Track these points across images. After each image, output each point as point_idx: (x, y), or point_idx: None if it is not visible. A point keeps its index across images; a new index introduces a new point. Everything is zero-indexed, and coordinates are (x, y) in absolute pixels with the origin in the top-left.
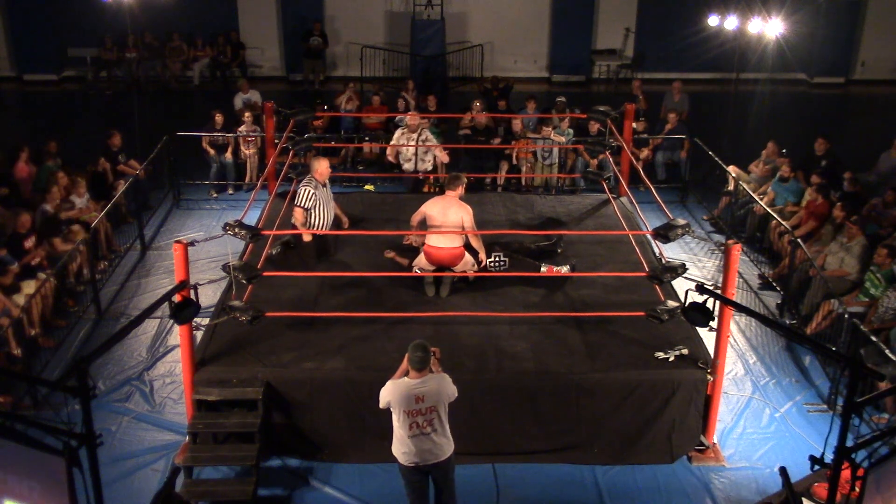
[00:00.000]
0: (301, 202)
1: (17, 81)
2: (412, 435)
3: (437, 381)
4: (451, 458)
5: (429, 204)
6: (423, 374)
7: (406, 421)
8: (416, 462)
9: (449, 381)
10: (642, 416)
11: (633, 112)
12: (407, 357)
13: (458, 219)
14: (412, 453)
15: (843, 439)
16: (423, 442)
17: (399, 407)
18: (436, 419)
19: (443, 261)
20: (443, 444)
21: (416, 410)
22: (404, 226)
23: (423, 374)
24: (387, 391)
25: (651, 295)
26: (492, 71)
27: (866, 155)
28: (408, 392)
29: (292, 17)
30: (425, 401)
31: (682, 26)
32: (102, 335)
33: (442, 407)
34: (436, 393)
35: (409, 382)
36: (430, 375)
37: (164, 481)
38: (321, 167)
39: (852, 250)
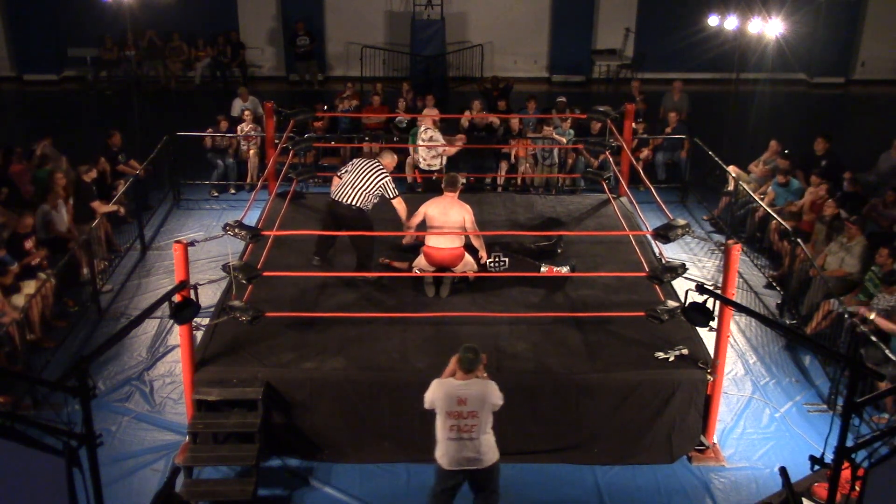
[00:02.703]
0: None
1: (17, 81)
2: (451, 437)
3: (482, 385)
4: (494, 468)
5: (428, 204)
6: (469, 376)
7: (447, 422)
8: (453, 467)
9: (495, 388)
10: (642, 417)
11: (633, 112)
12: (456, 358)
13: (459, 219)
14: (449, 457)
15: (843, 439)
16: (462, 446)
17: (442, 407)
18: (477, 425)
19: (443, 261)
20: (484, 451)
21: (457, 412)
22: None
23: (469, 377)
24: (431, 391)
25: (651, 295)
26: (492, 71)
27: (866, 155)
28: (452, 392)
29: (292, 17)
30: (468, 404)
31: (682, 26)
32: (102, 335)
33: (485, 413)
34: (480, 397)
35: (454, 383)
36: (477, 380)
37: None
38: (392, 160)
39: (852, 250)
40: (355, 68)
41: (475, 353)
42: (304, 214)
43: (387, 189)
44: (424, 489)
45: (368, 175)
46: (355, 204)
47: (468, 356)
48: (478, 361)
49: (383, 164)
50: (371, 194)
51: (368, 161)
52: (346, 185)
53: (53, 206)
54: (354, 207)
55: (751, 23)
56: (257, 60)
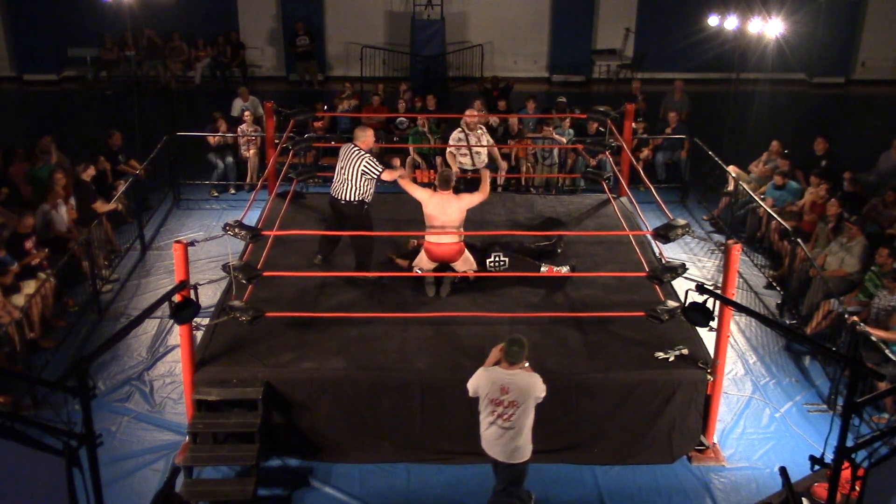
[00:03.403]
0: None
1: (17, 81)
2: (492, 423)
3: (526, 378)
4: (524, 466)
5: (426, 199)
6: (514, 367)
7: (488, 408)
8: (492, 455)
9: (539, 382)
10: (642, 416)
11: (633, 112)
12: (500, 348)
13: (457, 214)
14: (487, 442)
15: (843, 439)
16: (500, 435)
17: (485, 394)
18: (517, 416)
19: (444, 257)
20: (519, 446)
21: (499, 400)
22: (404, 226)
23: (514, 368)
24: (476, 377)
25: (651, 295)
26: (492, 71)
27: (866, 155)
28: (496, 379)
29: (292, 17)
30: (510, 393)
31: (682, 26)
32: (102, 335)
33: (526, 405)
34: (523, 388)
35: (499, 370)
36: (521, 371)
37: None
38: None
39: (853, 250)
40: (355, 68)
41: (521, 346)
42: (304, 214)
43: (369, 170)
44: (424, 489)
45: (351, 162)
46: (349, 198)
47: (514, 348)
48: (523, 353)
49: (359, 144)
50: (360, 182)
51: (349, 147)
52: (338, 178)
53: (53, 206)
54: (352, 202)
55: (751, 23)
56: (257, 60)
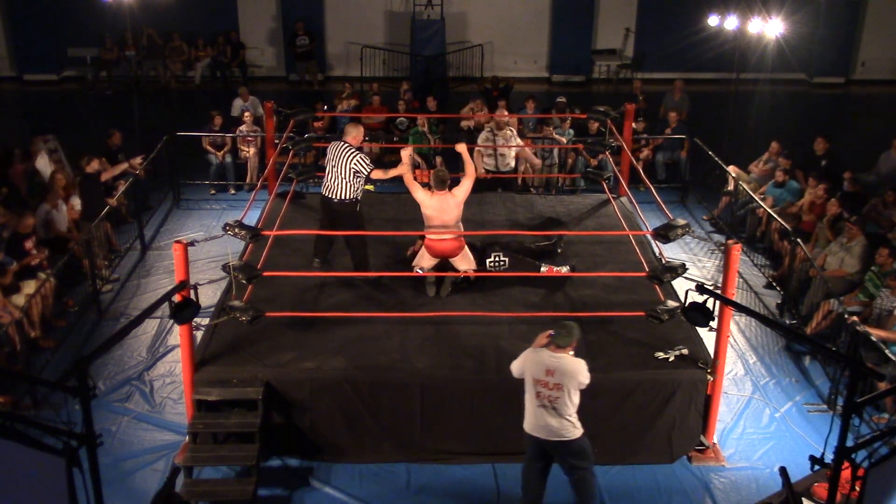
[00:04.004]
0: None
1: (17, 81)
2: (536, 405)
3: (572, 362)
4: (578, 444)
5: (426, 201)
6: (561, 351)
7: (533, 389)
8: (537, 435)
9: (584, 367)
10: (642, 416)
11: (633, 112)
12: (548, 334)
13: (455, 211)
14: (533, 424)
15: (843, 439)
16: (546, 415)
17: (530, 374)
18: (562, 398)
19: (444, 252)
20: (566, 425)
21: (544, 382)
22: (404, 226)
23: (561, 352)
24: (522, 358)
25: (651, 295)
26: (492, 71)
27: (866, 155)
28: (542, 361)
29: (292, 17)
30: (555, 375)
31: (682, 26)
32: (102, 335)
33: (570, 388)
34: (567, 372)
35: (545, 353)
36: (568, 356)
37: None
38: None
39: (853, 250)
40: (355, 68)
41: (569, 330)
42: (304, 214)
43: (360, 167)
44: (424, 489)
45: (341, 160)
46: (340, 197)
47: (562, 332)
48: (571, 339)
49: (349, 141)
50: (350, 180)
51: (338, 144)
52: (328, 177)
53: (53, 206)
54: (345, 200)
55: (751, 23)
56: (257, 60)
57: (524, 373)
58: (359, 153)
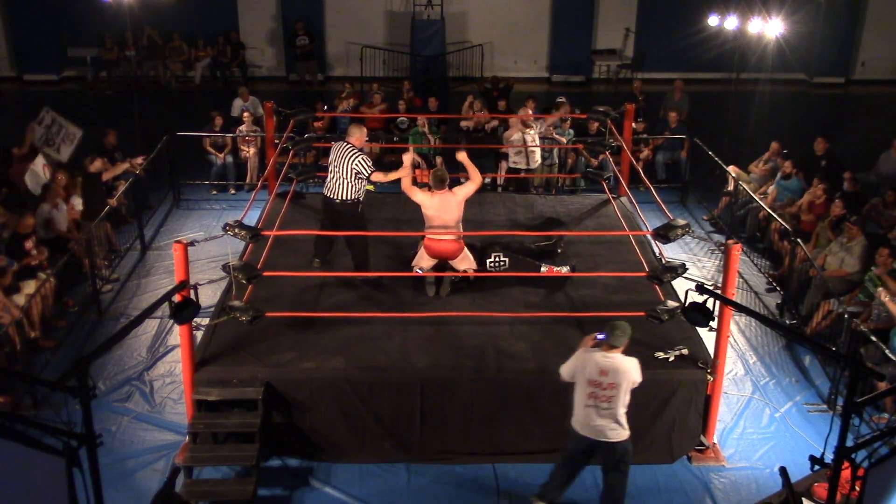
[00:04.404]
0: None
1: (17, 81)
2: (588, 405)
3: (626, 361)
4: (623, 446)
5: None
6: (613, 351)
7: (586, 390)
8: (587, 435)
9: (636, 366)
10: (642, 416)
11: (633, 112)
12: (593, 336)
13: (456, 211)
14: (581, 423)
15: (843, 439)
16: (596, 415)
17: (583, 375)
18: (614, 398)
19: (443, 253)
20: (614, 427)
21: (597, 382)
22: (404, 226)
23: (613, 352)
24: (574, 359)
25: (651, 295)
26: (492, 71)
27: (866, 155)
28: (595, 362)
29: (292, 17)
30: (608, 376)
31: (682, 26)
32: (102, 335)
33: (623, 388)
34: (621, 371)
35: (598, 353)
36: (620, 355)
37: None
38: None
39: (852, 250)
40: (355, 68)
41: (622, 330)
42: (304, 214)
43: (361, 168)
44: (424, 489)
45: (344, 160)
46: (344, 197)
47: (615, 332)
48: (624, 338)
49: (352, 142)
50: (352, 181)
51: (341, 145)
52: (331, 177)
53: (54, 206)
54: (346, 201)
55: (751, 23)
56: (257, 60)
57: (575, 375)
58: (361, 154)
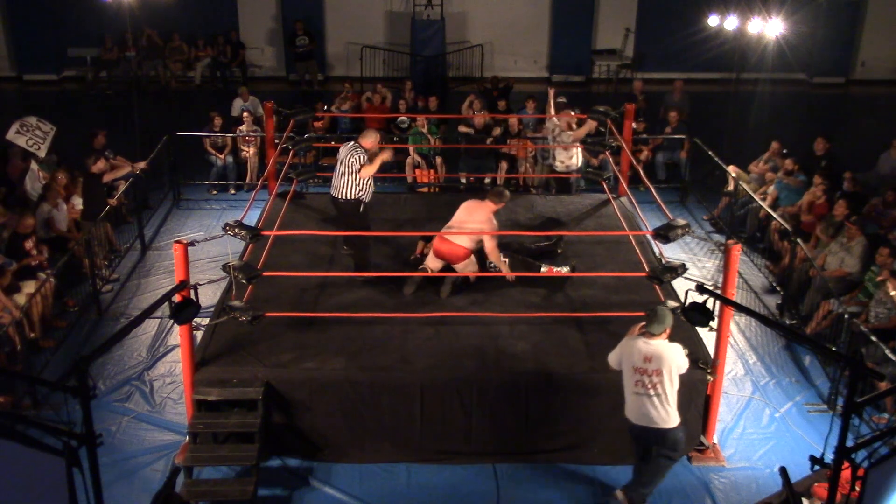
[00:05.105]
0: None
1: (17, 81)
2: (636, 392)
3: (668, 347)
4: (675, 433)
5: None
6: (657, 337)
7: (632, 377)
8: (640, 423)
9: (682, 352)
10: None
11: (633, 112)
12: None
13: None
14: (632, 411)
15: (843, 439)
16: (644, 402)
17: (628, 363)
18: (661, 384)
19: (444, 255)
20: (662, 413)
21: (642, 369)
22: (405, 226)
23: (656, 338)
24: (620, 347)
25: (651, 295)
26: (492, 71)
27: (866, 155)
28: (638, 348)
29: (292, 17)
30: (653, 362)
31: (682, 26)
32: (102, 335)
33: (669, 374)
34: (665, 358)
35: (640, 340)
36: (664, 341)
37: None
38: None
39: (852, 250)
40: (355, 68)
41: (662, 317)
42: (304, 214)
43: (357, 161)
44: (424, 489)
45: (347, 159)
46: (345, 196)
47: (655, 319)
48: (664, 325)
49: (363, 143)
50: (353, 178)
51: (349, 144)
52: (335, 176)
53: (54, 206)
54: (349, 200)
55: (751, 23)
56: (257, 60)
57: (621, 362)
58: (362, 151)
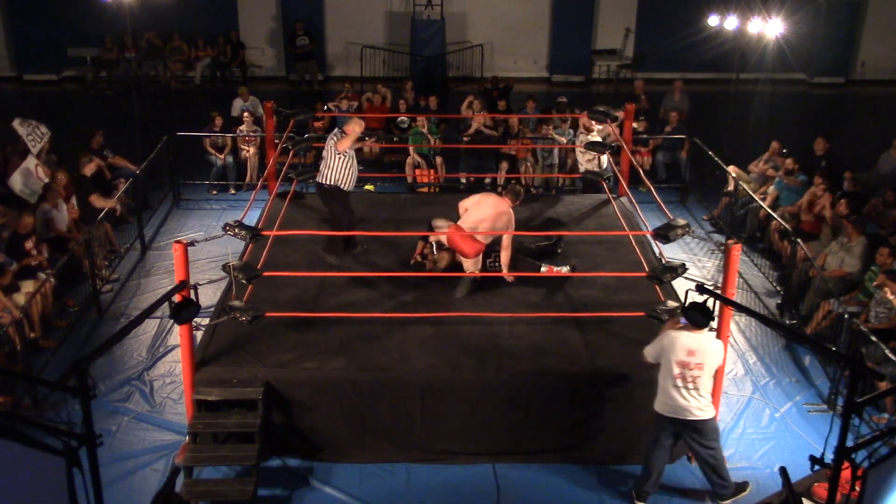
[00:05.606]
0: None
1: (17, 81)
2: (675, 385)
3: (712, 341)
4: (710, 424)
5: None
6: (699, 331)
7: (673, 371)
8: (668, 413)
9: (721, 346)
10: (642, 416)
11: (633, 112)
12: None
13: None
14: (666, 404)
15: (843, 439)
16: (681, 395)
17: (670, 356)
18: (700, 378)
19: (455, 244)
20: (699, 405)
21: (685, 363)
22: (405, 225)
23: (699, 332)
24: (658, 341)
25: (651, 295)
26: (492, 71)
27: (866, 155)
28: (682, 342)
29: (292, 17)
30: (696, 355)
31: (682, 26)
32: (102, 335)
33: (709, 368)
34: (708, 352)
35: (685, 334)
36: (706, 335)
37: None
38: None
39: (853, 250)
40: (355, 68)
41: (707, 310)
42: (304, 214)
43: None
44: (424, 489)
45: (328, 143)
46: (323, 181)
47: (699, 315)
48: (707, 320)
49: (346, 129)
50: (334, 163)
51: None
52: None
53: (54, 206)
54: (327, 185)
55: (751, 23)
56: (257, 60)
57: (661, 356)
58: (341, 133)
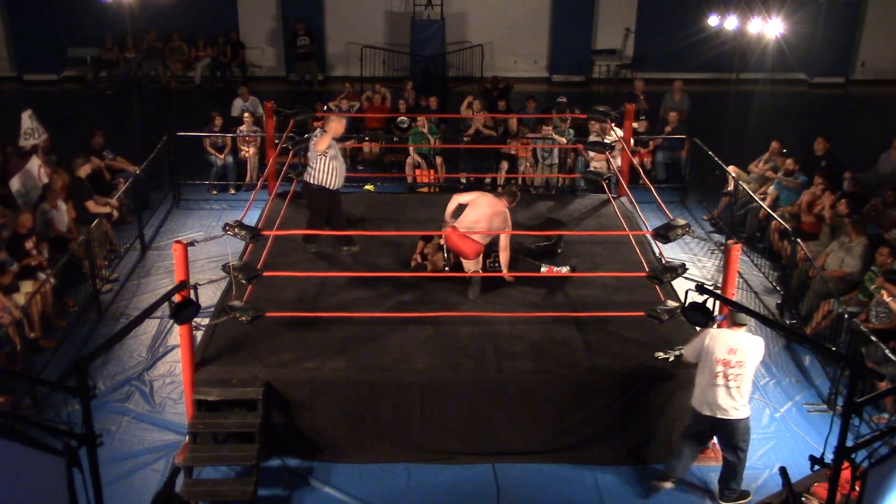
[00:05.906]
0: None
1: (17, 81)
2: (715, 383)
3: (752, 339)
4: (744, 423)
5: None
6: (739, 329)
7: (713, 369)
8: (709, 414)
9: (762, 345)
10: (642, 416)
11: (633, 112)
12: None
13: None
14: (703, 401)
15: (843, 439)
16: (721, 393)
17: (713, 353)
18: (741, 375)
19: (459, 249)
20: (735, 404)
21: (727, 361)
22: (405, 226)
23: (739, 329)
24: (698, 340)
25: (651, 295)
26: (492, 71)
27: (866, 155)
28: (726, 340)
29: (292, 17)
30: (737, 353)
31: (682, 26)
32: (102, 335)
33: (750, 366)
34: (749, 349)
35: (726, 332)
36: (746, 333)
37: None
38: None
39: (853, 250)
40: (355, 68)
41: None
42: (304, 214)
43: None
44: (424, 489)
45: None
46: (315, 183)
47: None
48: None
49: (326, 128)
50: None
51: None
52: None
53: (53, 206)
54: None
55: (751, 23)
56: (257, 60)
57: (702, 355)
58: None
